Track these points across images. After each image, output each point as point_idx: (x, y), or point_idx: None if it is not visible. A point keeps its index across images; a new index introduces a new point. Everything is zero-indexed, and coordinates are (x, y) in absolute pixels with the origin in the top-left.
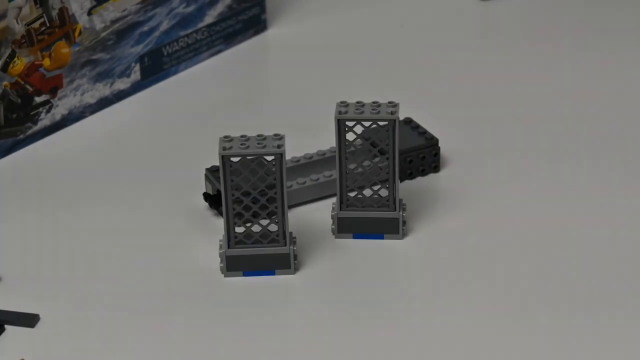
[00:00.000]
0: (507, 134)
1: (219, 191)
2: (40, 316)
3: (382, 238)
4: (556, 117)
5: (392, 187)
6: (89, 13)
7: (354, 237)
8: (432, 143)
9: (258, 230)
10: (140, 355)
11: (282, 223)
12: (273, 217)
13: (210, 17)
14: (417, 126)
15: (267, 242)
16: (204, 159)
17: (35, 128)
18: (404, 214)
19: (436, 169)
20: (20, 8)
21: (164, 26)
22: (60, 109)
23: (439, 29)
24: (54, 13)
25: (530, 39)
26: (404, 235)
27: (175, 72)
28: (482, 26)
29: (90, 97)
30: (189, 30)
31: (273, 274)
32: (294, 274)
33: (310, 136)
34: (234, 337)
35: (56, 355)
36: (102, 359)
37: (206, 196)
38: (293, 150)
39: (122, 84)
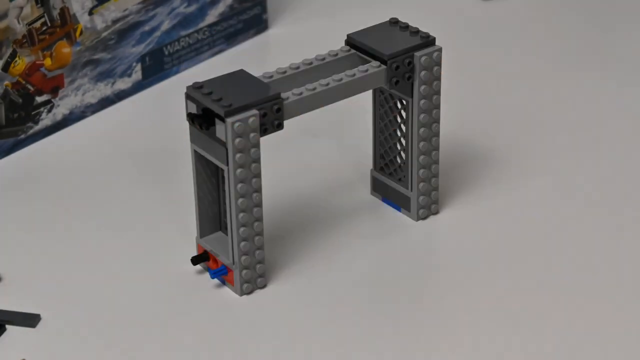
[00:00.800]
0: (507, 133)
1: (205, 109)
2: (41, 316)
3: (400, 210)
4: (557, 116)
5: (409, 166)
6: (90, 13)
7: (383, 201)
8: (428, 42)
9: None
10: (140, 355)
11: None
12: None
13: (211, 17)
14: (407, 26)
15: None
16: None
17: (37, 128)
18: (423, 197)
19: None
20: (21, 8)
21: (165, 26)
22: (62, 108)
23: (439, 29)
24: (55, 13)
25: (530, 39)
26: (419, 217)
27: (177, 72)
28: (482, 26)
29: (92, 97)
30: (190, 30)
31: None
32: None
33: (310, 135)
34: (236, 335)
35: (56, 355)
36: (102, 359)
37: (193, 117)
38: (293, 149)
39: (123, 84)
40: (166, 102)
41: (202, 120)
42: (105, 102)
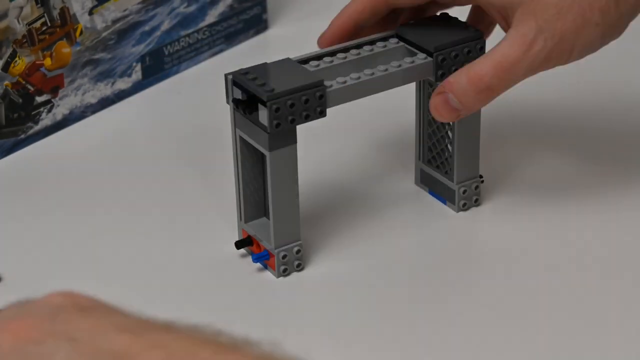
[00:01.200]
0: (507, 132)
1: (250, 95)
2: None
3: (445, 203)
4: (556, 114)
5: (453, 158)
6: (90, 13)
7: (429, 193)
8: (477, 35)
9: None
10: None
11: None
12: None
13: (211, 17)
14: (457, 20)
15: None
16: (205, 158)
17: (37, 128)
18: (465, 189)
19: None
20: (21, 8)
21: (165, 26)
22: (62, 108)
23: None
24: (55, 13)
25: None
26: (460, 209)
27: (177, 72)
28: None
29: (92, 97)
30: (190, 30)
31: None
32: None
33: (311, 135)
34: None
35: None
36: None
37: (238, 102)
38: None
39: (123, 84)
40: (166, 102)
41: (246, 105)
42: (105, 102)
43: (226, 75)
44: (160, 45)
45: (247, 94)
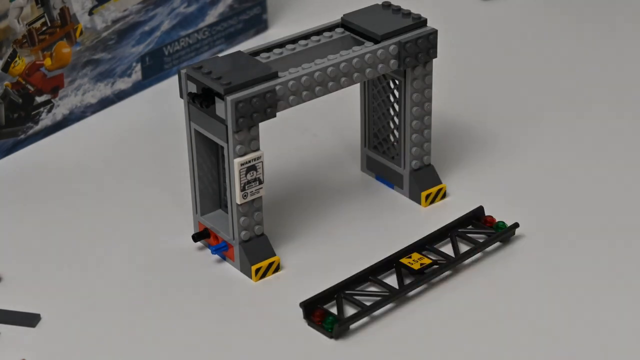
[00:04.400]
0: (506, 132)
1: (205, 87)
2: (41, 316)
3: (392, 188)
4: (557, 113)
5: (402, 144)
6: (90, 13)
7: (376, 178)
8: (420, 23)
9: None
10: (140, 355)
11: None
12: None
13: (211, 17)
14: (399, 8)
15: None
16: None
17: (37, 128)
18: (414, 173)
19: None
20: (21, 8)
21: (165, 26)
22: (62, 108)
23: (439, 29)
24: (55, 13)
25: (530, 39)
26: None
27: (177, 72)
28: (482, 26)
29: (92, 97)
30: (190, 30)
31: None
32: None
33: (311, 135)
34: (236, 337)
35: (56, 355)
36: (103, 359)
37: (193, 96)
38: (293, 150)
39: (123, 84)
40: (166, 102)
41: (202, 99)
42: (105, 102)
43: (179, 71)
44: (160, 45)
45: (203, 87)
